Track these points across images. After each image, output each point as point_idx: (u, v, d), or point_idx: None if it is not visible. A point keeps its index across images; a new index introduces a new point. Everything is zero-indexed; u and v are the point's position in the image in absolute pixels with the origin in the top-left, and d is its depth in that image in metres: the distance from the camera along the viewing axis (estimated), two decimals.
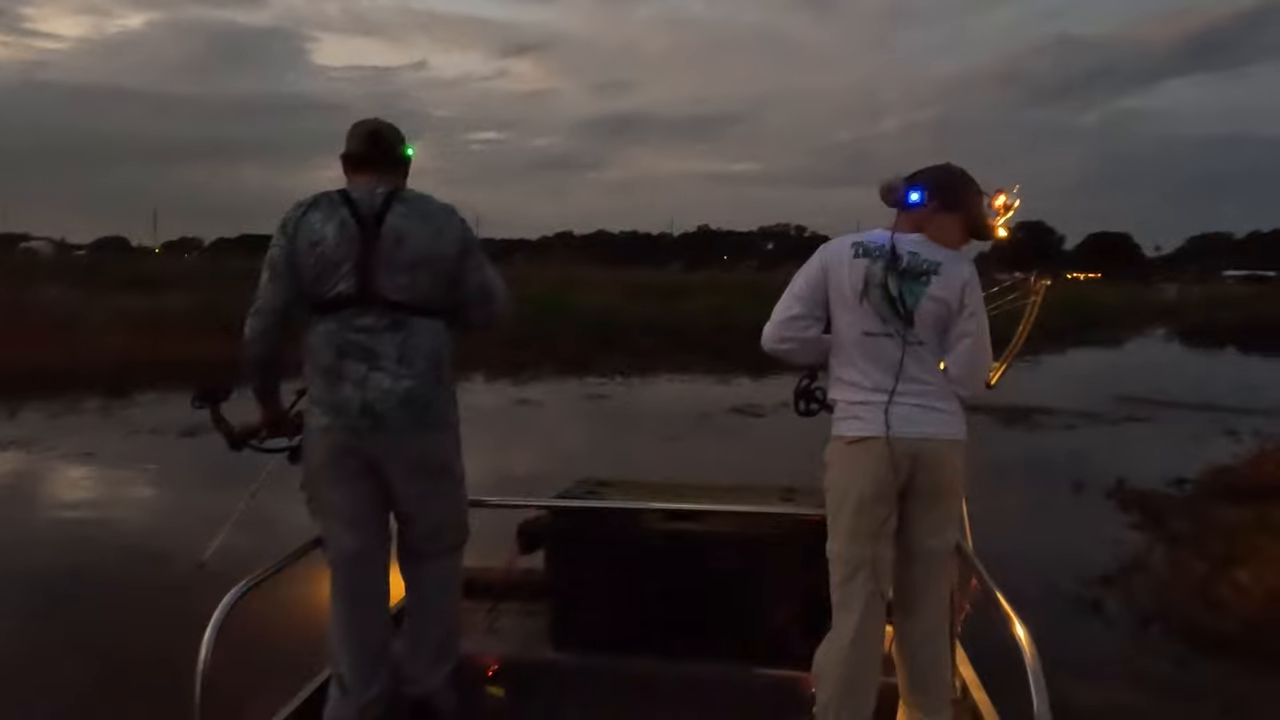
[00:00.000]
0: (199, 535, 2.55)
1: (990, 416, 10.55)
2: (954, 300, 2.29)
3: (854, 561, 2.26)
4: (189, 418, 11.03)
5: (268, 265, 2.34)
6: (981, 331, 2.32)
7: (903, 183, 2.38)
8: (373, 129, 2.41)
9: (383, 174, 2.37)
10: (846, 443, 2.28)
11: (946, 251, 2.33)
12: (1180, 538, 6.33)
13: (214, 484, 6.69)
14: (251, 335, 2.34)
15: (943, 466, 2.25)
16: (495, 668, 2.69)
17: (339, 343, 2.27)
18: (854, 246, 2.32)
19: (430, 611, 2.50)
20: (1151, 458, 9.31)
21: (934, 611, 2.34)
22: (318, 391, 2.31)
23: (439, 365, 2.35)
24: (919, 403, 2.25)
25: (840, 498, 2.28)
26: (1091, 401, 12.84)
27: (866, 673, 2.26)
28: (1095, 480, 7.95)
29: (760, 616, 2.76)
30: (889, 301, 2.26)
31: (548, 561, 2.96)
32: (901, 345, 2.26)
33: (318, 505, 2.39)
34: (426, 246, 2.30)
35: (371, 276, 2.27)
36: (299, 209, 2.34)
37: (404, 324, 2.29)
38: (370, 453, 2.30)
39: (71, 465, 9.06)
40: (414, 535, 2.46)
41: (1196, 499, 7.46)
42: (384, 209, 2.30)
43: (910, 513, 2.28)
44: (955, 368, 2.30)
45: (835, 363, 2.35)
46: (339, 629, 2.39)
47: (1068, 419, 11.66)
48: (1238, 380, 18.68)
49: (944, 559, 2.34)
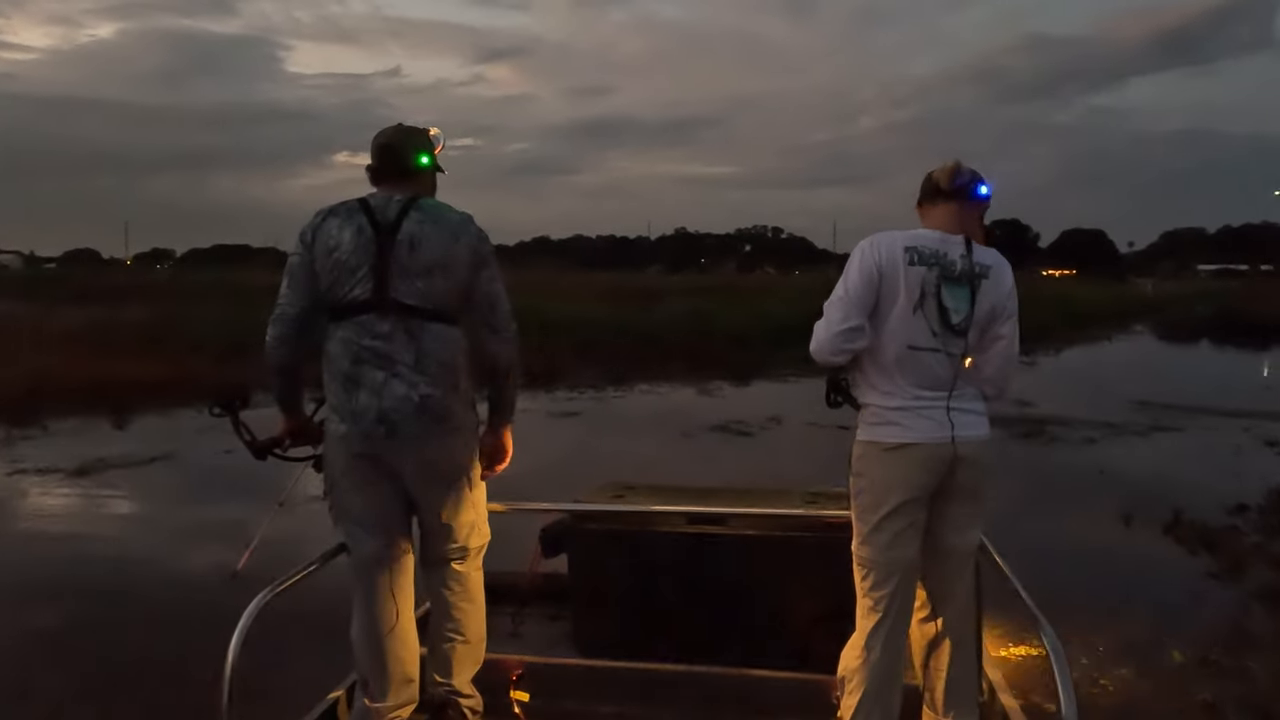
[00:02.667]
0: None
1: (1003, 430, 9.32)
2: (1000, 304, 2.27)
3: (891, 566, 2.24)
4: (100, 450, 9.99)
5: (287, 273, 2.37)
6: (1014, 334, 2.31)
7: (970, 173, 2.30)
8: (385, 142, 2.43)
9: (400, 184, 2.39)
10: (885, 449, 2.23)
11: (990, 252, 2.29)
12: (1273, 593, 5.16)
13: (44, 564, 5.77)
14: (271, 343, 2.36)
15: (982, 465, 2.25)
16: (519, 672, 2.68)
17: (356, 349, 2.28)
18: (908, 252, 2.22)
19: (453, 616, 2.49)
20: (1197, 478, 8.17)
21: (959, 611, 2.32)
22: (335, 399, 2.32)
23: (455, 371, 2.34)
24: (960, 406, 2.23)
25: (876, 503, 2.24)
26: (1108, 409, 11.71)
27: (894, 676, 2.26)
28: (1143, 509, 6.78)
29: (784, 620, 2.73)
30: (942, 313, 2.21)
31: (571, 565, 2.94)
32: (948, 359, 2.22)
33: (339, 512, 2.41)
34: (442, 252, 2.30)
35: (387, 281, 2.27)
36: (318, 217, 2.37)
37: (420, 330, 2.28)
38: (388, 459, 2.32)
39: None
40: (434, 541, 2.46)
41: (1270, 534, 6.32)
42: (400, 215, 2.31)
43: (942, 512, 2.26)
44: (989, 369, 2.28)
45: (871, 368, 2.27)
46: (362, 635, 2.41)
47: (1087, 431, 10.50)
48: (1250, 379, 17.84)
49: (969, 556, 2.32)
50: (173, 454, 9.31)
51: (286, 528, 2.78)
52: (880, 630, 2.23)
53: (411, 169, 2.41)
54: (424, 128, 2.49)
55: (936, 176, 2.32)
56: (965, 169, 2.30)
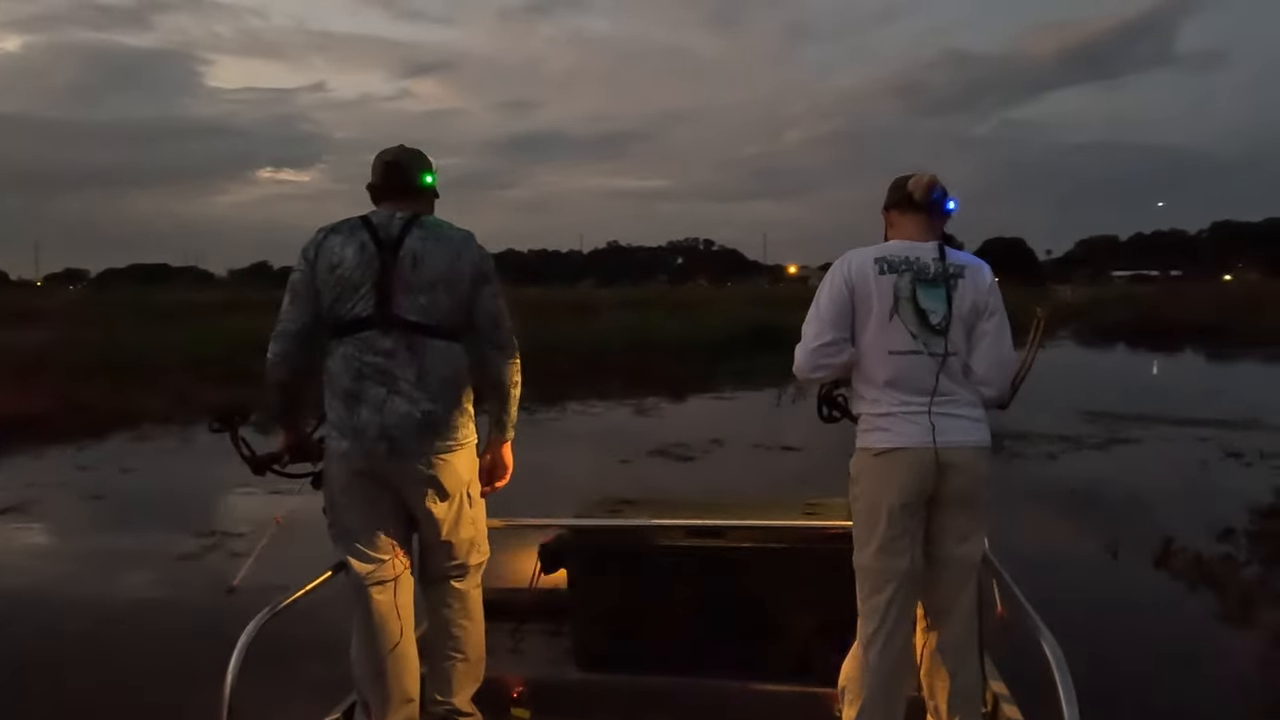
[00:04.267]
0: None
1: None
2: (981, 302, 2.28)
3: (885, 574, 2.23)
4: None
5: (289, 289, 2.37)
6: (1001, 329, 2.31)
7: (939, 187, 2.36)
8: (390, 160, 2.43)
9: (402, 202, 2.40)
10: (874, 455, 2.24)
11: (964, 255, 2.35)
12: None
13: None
14: (272, 359, 2.37)
15: (972, 473, 2.23)
16: (520, 689, 2.66)
17: (358, 366, 2.28)
18: (878, 263, 2.28)
19: (453, 635, 2.47)
20: (1172, 497, 7.63)
21: (963, 621, 2.29)
22: (336, 415, 2.32)
23: (457, 387, 2.35)
24: (946, 411, 2.22)
25: (870, 509, 2.25)
26: (1061, 421, 11.21)
27: (896, 686, 2.25)
28: (1126, 537, 6.18)
29: (784, 632, 2.70)
30: (919, 315, 2.24)
31: (570, 581, 2.90)
32: (930, 360, 2.23)
33: (339, 530, 2.39)
34: (444, 268, 2.31)
35: (390, 297, 2.28)
36: (320, 234, 2.37)
37: (422, 346, 2.29)
38: (389, 476, 2.32)
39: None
40: (434, 558, 2.46)
41: (1267, 564, 5.77)
42: (403, 232, 2.32)
43: (939, 521, 2.26)
44: (980, 366, 2.29)
45: (859, 377, 2.31)
46: (362, 653, 2.39)
47: (1045, 445, 9.97)
48: (1185, 384, 17.79)
49: (972, 567, 2.30)
50: (27, 505, 8.07)
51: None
52: (878, 639, 2.22)
53: (416, 187, 2.44)
54: (421, 150, 2.50)
55: (910, 188, 2.33)
56: (939, 184, 2.34)
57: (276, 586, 2.24)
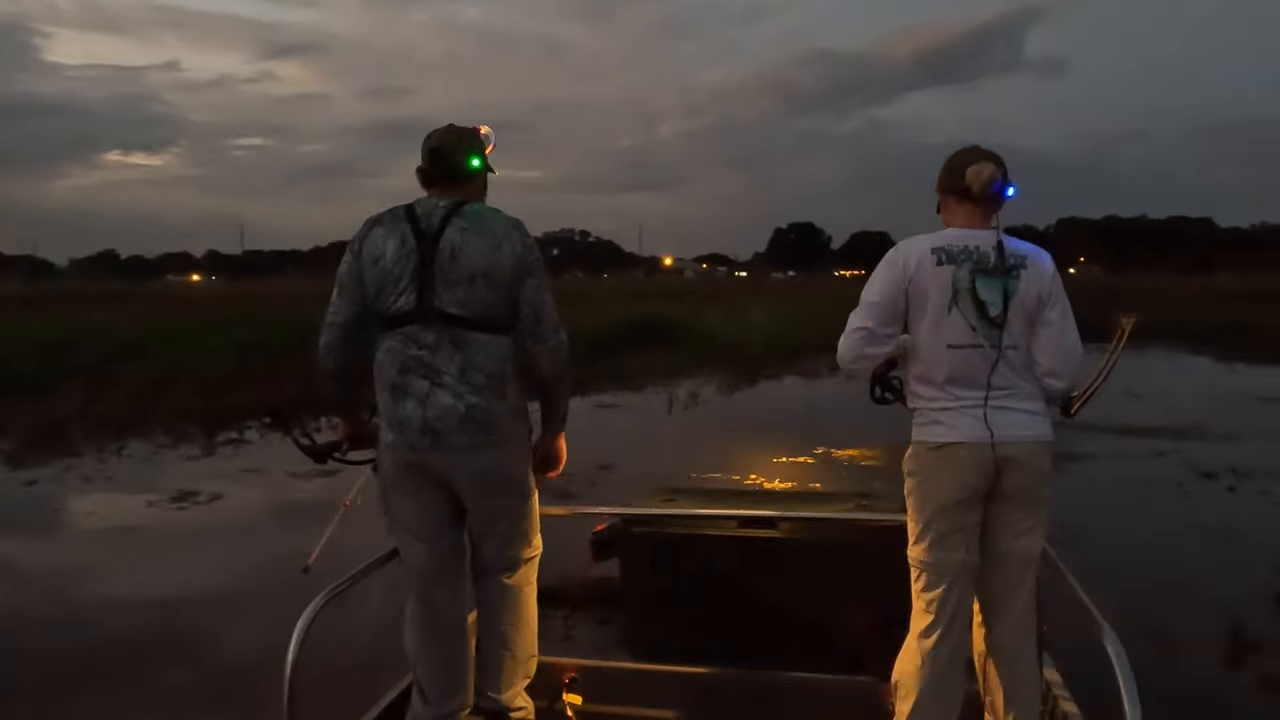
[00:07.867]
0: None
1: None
2: (1045, 292, 2.25)
3: (939, 568, 2.22)
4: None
5: (337, 281, 2.38)
6: (1065, 317, 2.26)
7: (999, 179, 2.28)
8: (434, 146, 2.40)
9: (450, 187, 2.39)
10: (931, 448, 2.23)
11: (1024, 244, 2.30)
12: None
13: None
14: (321, 350, 2.41)
15: (1031, 468, 2.20)
16: (572, 675, 2.69)
17: (403, 359, 2.29)
18: (935, 253, 2.24)
19: (502, 631, 2.49)
20: (1175, 544, 6.17)
21: (1021, 617, 2.27)
22: (384, 407, 2.34)
23: (502, 381, 2.32)
24: (1006, 404, 2.19)
25: (926, 503, 2.24)
26: None
27: (951, 681, 2.24)
28: (1161, 613, 4.59)
29: (837, 623, 2.72)
30: (979, 307, 2.21)
31: (622, 569, 2.98)
32: (989, 353, 2.20)
33: (392, 518, 2.43)
34: (483, 260, 2.28)
35: (429, 291, 2.27)
36: (365, 226, 2.36)
37: (465, 340, 2.28)
38: (435, 469, 2.33)
39: None
40: (484, 550, 2.48)
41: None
42: (443, 223, 2.30)
43: (997, 516, 2.24)
44: (1045, 357, 2.24)
45: (916, 369, 2.28)
46: (416, 639, 2.43)
47: None
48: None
49: (1030, 562, 2.26)
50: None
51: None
52: (932, 634, 2.22)
53: (463, 172, 2.41)
54: (473, 127, 2.45)
55: (969, 180, 2.26)
56: (998, 175, 2.26)
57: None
